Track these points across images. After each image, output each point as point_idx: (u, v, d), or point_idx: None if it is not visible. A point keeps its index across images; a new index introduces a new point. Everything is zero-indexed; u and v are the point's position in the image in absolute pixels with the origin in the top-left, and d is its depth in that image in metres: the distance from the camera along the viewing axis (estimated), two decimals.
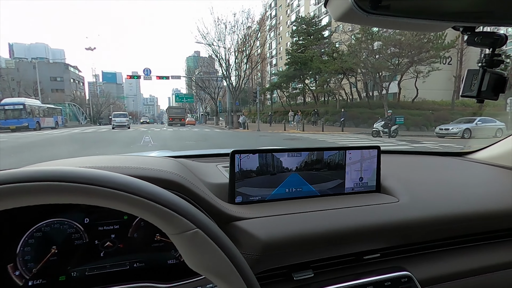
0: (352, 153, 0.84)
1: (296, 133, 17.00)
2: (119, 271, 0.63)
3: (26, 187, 0.27)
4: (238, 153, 0.73)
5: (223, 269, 0.32)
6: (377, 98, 23.50)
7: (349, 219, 0.70)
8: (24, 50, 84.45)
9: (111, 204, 0.30)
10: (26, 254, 0.58)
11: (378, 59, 19.92)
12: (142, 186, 0.31)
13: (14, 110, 18.83)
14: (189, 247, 0.32)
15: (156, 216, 0.31)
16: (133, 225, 0.66)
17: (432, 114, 18.54)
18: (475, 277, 0.81)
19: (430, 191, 0.85)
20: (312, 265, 0.67)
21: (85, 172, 0.29)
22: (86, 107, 42.57)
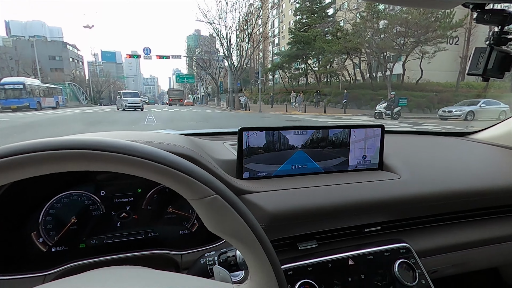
0: (357, 131, 0.86)
1: (298, 114, 16.93)
2: (135, 240, 0.67)
3: (68, 154, 0.29)
4: (246, 130, 0.76)
5: (240, 231, 0.34)
6: (381, 79, 23.12)
7: (351, 194, 0.73)
8: (21, 28, 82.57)
9: (138, 172, 0.32)
10: (48, 223, 0.62)
11: (383, 38, 19.40)
12: (167, 156, 0.33)
13: (14, 90, 18.67)
14: (208, 212, 0.34)
15: (179, 183, 0.33)
16: (147, 197, 0.69)
17: (436, 96, 18.31)
18: (470, 249, 0.85)
19: (431, 169, 0.87)
20: (316, 236, 0.71)
21: (117, 142, 0.31)
22: (86, 87, 42.19)
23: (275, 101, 27.65)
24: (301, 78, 34.01)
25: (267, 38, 43.17)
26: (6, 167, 0.28)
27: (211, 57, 33.31)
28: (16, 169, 0.28)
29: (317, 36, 24.90)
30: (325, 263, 0.67)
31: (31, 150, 0.29)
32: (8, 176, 0.29)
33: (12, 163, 0.28)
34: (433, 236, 0.82)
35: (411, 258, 0.72)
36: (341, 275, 0.66)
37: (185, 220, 0.72)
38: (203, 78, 41.70)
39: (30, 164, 0.29)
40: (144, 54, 25.30)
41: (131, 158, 0.31)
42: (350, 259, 0.69)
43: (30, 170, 0.29)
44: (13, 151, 0.28)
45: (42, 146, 0.29)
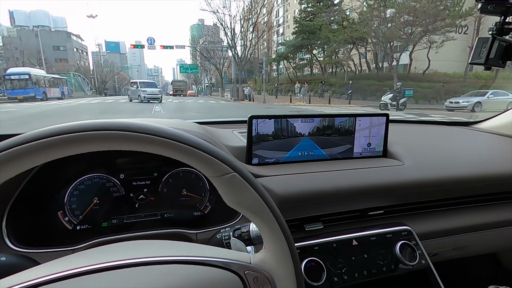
0: (362, 120, 0.89)
1: (302, 105, 16.85)
2: (152, 220, 0.72)
3: (109, 134, 0.33)
4: (255, 118, 0.79)
5: (255, 205, 0.38)
6: (387, 70, 22.80)
7: (356, 179, 0.77)
8: (25, 18, 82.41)
9: (166, 151, 0.35)
10: (72, 203, 0.67)
11: (390, 28, 19.02)
12: (192, 137, 0.37)
13: (20, 80, 18.75)
14: (227, 188, 0.37)
15: (202, 162, 0.36)
16: (163, 181, 0.73)
17: (443, 87, 18.03)
18: (470, 233, 0.89)
19: (434, 156, 0.90)
20: (322, 218, 0.75)
21: (150, 125, 0.35)
22: (91, 78, 42.26)
23: (280, 92, 27.50)
24: (306, 68, 33.67)
25: (272, 28, 42.60)
26: (59, 144, 0.31)
27: (215, 47, 33.06)
28: (67, 147, 0.32)
29: (322, 26, 24.49)
30: (330, 243, 0.71)
31: (80, 130, 0.32)
32: (58, 153, 0.32)
33: (63, 141, 0.31)
34: (434, 220, 0.86)
35: (412, 240, 0.76)
36: (345, 255, 0.70)
37: (198, 203, 0.76)
38: (207, 69, 41.52)
39: (78, 143, 0.32)
40: (148, 44, 25.16)
41: (161, 139, 0.34)
42: (354, 240, 0.73)
43: (78, 148, 0.32)
44: (63, 130, 0.32)
45: (88, 126, 0.32)
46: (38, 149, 0.31)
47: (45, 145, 0.31)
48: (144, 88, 18.36)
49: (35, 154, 0.31)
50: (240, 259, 0.39)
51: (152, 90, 18.29)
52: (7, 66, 27.20)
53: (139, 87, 18.53)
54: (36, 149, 0.31)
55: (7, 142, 0.31)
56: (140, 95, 17.78)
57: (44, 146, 0.31)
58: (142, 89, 18.20)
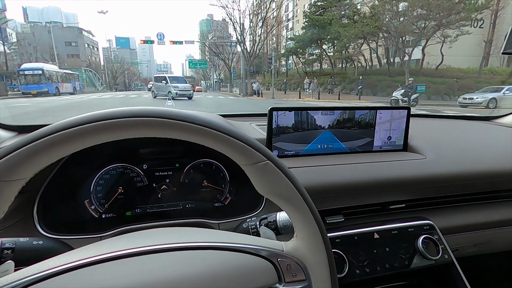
0: (383, 113, 0.88)
1: (311, 101, 16.72)
2: (175, 210, 0.73)
3: (145, 121, 0.34)
4: (276, 110, 0.79)
5: (288, 193, 0.38)
6: (398, 65, 22.34)
7: (376, 172, 0.76)
8: (37, 14, 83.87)
9: (201, 139, 0.36)
10: (98, 192, 0.68)
11: (402, 22, 18.60)
12: (225, 126, 0.37)
13: (33, 76, 19.12)
14: (260, 175, 0.37)
15: (235, 150, 0.36)
16: (184, 172, 0.74)
17: (457, 82, 17.58)
18: (492, 229, 0.87)
19: (456, 150, 0.88)
20: (343, 211, 0.75)
21: (185, 112, 0.36)
22: (102, 73, 42.79)
23: (289, 87, 27.32)
24: (315, 63, 33.28)
25: (281, 23, 42.21)
26: (99, 129, 0.32)
27: (224, 42, 32.99)
28: (112, 132, 0.33)
29: (333, 20, 24.12)
30: (352, 235, 0.71)
31: (125, 115, 0.33)
32: (97, 139, 0.33)
33: (108, 126, 0.33)
34: (455, 215, 0.85)
35: (435, 234, 0.75)
36: (366, 247, 0.70)
37: (219, 194, 0.77)
38: (216, 64, 41.54)
39: (123, 128, 0.33)
40: (157, 40, 25.28)
41: (198, 127, 0.35)
42: (375, 233, 0.73)
43: (121, 133, 0.33)
44: (101, 116, 0.33)
45: (132, 113, 0.33)
46: (86, 132, 0.32)
47: (94, 128, 0.32)
48: (176, 84, 16.45)
49: (82, 138, 0.32)
50: (273, 247, 0.39)
51: (184, 86, 16.49)
52: (21, 62, 27.77)
53: (168, 82, 16.63)
54: (84, 132, 0.32)
55: (57, 125, 0.32)
56: (171, 91, 15.92)
57: (94, 129, 0.32)
58: (173, 85, 16.28)
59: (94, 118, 0.32)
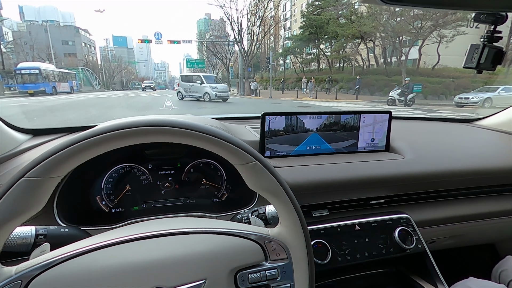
0: (366, 116, 0.96)
1: (309, 100, 16.81)
2: (177, 205, 0.81)
3: (156, 130, 0.41)
4: (268, 115, 0.87)
5: (274, 189, 0.46)
6: (395, 65, 22.51)
7: (359, 171, 0.84)
8: (34, 13, 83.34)
9: (200, 143, 0.43)
10: (108, 189, 0.76)
11: (399, 22, 18.76)
12: (220, 132, 0.45)
13: (30, 75, 19.01)
14: (250, 173, 0.46)
15: (230, 152, 0.44)
16: (185, 170, 0.82)
17: (453, 82, 17.76)
18: (467, 222, 0.96)
19: (434, 151, 0.97)
20: (328, 206, 0.83)
21: (186, 121, 0.44)
22: (99, 72, 42.63)
23: (286, 87, 27.42)
24: (312, 63, 33.44)
25: (279, 22, 42.30)
26: (122, 136, 0.40)
27: (222, 41, 33.00)
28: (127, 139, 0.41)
29: (330, 20, 24.25)
30: (335, 227, 0.79)
31: (137, 125, 0.40)
32: (120, 143, 0.41)
33: (122, 135, 0.40)
34: (432, 209, 0.93)
35: (410, 226, 0.84)
36: (348, 238, 0.78)
37: (216, 191, 0.85)
38: (213, 63, 41.57)
39: (133, 136, 0.41)
40: (155, 39, 25.22)
41: (198, 133, 0.43)
42: (357, 225, 0.81)
43: (134, 140, 0.41)
44: (122, 125, 0.40)
45: (142, 123, 0.41)
46: (112, 138, 0.40)
47: (118, 135, 0.40)
48: (213, 84, 14.57)
49: (108, 143, 0.40)
50: (261, 232, 0.47)
51: (223, 87, 14.79)
52: (17, 61, 27.62)
53: (204, 82, 14.70)
54: (110, 138, 0.40)
55: (88, 132, 0.40)
56: (208, 92, 14.15)
57: (118, 136, 0.40)
58: (210, 85, 14.41)
59: (117, 127, 0.40)
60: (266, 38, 33.57)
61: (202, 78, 14.99)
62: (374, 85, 19.48)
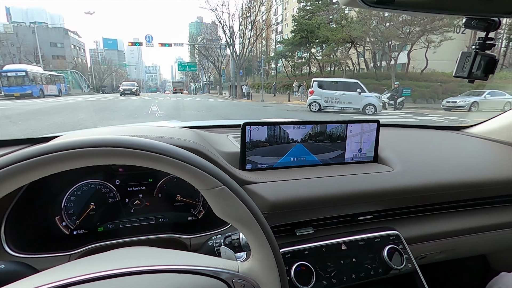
0: (353, 126, 0.91)
1: (300, 104, 16.87)
2: (147, 225, 0.73)
3: (101, 151, 0.35)
4: (249, 125, 0.81)
5: (243, 217, 0.40)
6: (385, 69, 22.87)
7: (346, 185, 0.79)
8: (21, 14, 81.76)
9: (158, 166, 0.37)
10: (69, 208, 0.69)
11: (388, 27, 19.09)
12: (182, 152, 0.39)
13: (16, 77, 18.59)
14: (217, 200, 0.40)
15: (192, 176, 0.39)
16: (157, 186, 0.75)
17: (441, 86, 18.13)
18: (458, 237, 0.92)
19: (423, 162, 0.92)
20: (313, 223, 0.78)
21: (142, 141, 0.37)
22: (88, 75, 42.02)
23: (278, 90, 27.49)
24: (304, 67, 33.67)
25: (270, 26, 42.55)
26: (55, 160, 0.34)
27: (214, 45, 32.97)
28: (62, 163, 0.34)
29: (321, 24, 24.52)
30: (320, 247, 0.73)
31: (77, 146, 0.34)
32: (52, 169, 0.34)
33: (60, 158, 0.34)
34: (422, 224, 0.89)
35: (400, 244, 0.79)
36: (334, 259, 0.73)
37: (192, 207, 0.78)
38: (205, 67, 41.50)
39: (74, 159, 0.35)
40: (146, 42, 25.03)
41: (153, 154, 0.37)
42: (343, 244, 0.75)
43: (73, 163, 0.35)
44: (57, 147, 0.34)
45: (83, 143, 0.35)
46: (38, 164, 0.33)
47: (50, 159, 0.34)
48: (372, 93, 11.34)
49: (37, 169, 0.34)
50: (229, 268, 0.41)
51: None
52: (3, 63, 27.01)
53: (365, 90, 11.56)
54: (37, 164, 0.33)
55: (12, 156, 0.33)
56: (374, 104, 11.28)
57: (50, 159, 0.34)
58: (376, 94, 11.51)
59: (53, 149, 0.34)
60: (258, 41, 33.74)
61: (361, 85, 11.59)
62: None
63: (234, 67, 24.24)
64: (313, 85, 12.44)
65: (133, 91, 23.89)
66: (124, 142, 0.36)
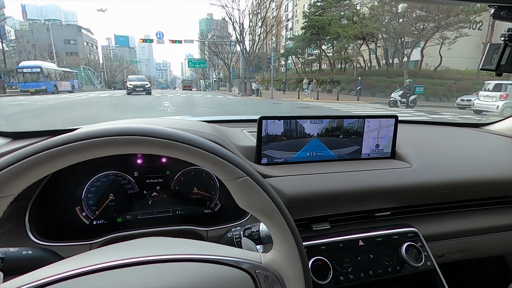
0: (371, 121, 0.89)
1: (310, 101, 16.74)
2: (165, 217, 0.74)
3: (130, 139, 0.35)
4: (265, 119, 0.81)
5: (266, 208, 0.40)
6: (397, 66, 22.42)
7: (363, 181, 0.78)
8: (36, 12, 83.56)
9: (182, 155, 0.37)
10: (89, 199, 0.70)
11: (401, 23, 18.67)
12: (205, 142, 0.38)
13: (32, 73, 19.04)
14: (240, 190, 0.39)
15: (217, 166, 0.38)
16: (175, 179, 0.76)
17: (455, 84, 17.66)
18: (477, 236, 0.89)
19: (443, 158, 0.90)
20: (329, 218, 0.77)
21: (164, 130, 0.37)
22: (100, 71, 42.69)
23: (287, 87, 27.34)
24: (314, 64, 33.36)
25: (281, 23, 42.25)
26: (84, 148, 0.34)
27: (223, 41, 32.97)
28: (91, 151, 0.34)
29: (332, 21, 24.19)
30: (337, 243, 0.72)
31: (104, 134, 0.34)
32: (82, 156, 0.34)
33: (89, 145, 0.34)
34: (441, 222, 0.87)
35: (418, 241, 0.77)
36: (351, 254, 0.72)
37: (209, 201, 0.79)
38: (215, 63, 41.56)
39: (104, 146, 0.34)
40: (157, 39, 25.20)
41: (178, 144, 0.36)
42: (360, 240, 0.74)
43: (101, 152, 0.35)
44: (86, 135, 0.34)
45: (110, 132, 0.35)
46: (73, 150, 0.33)
47: (80, 147, 0.33)
48: None
49: (68, 156, 0.34)
50: (252, 259, 0.41)
51: None
52: (19, 59, 27.69)
53: None
54: (71, 151, 0.33)
55: (45, 143, 0.33)
56: None
57: (80, 147, 0.34)
58: None
59: (80, 137, 0.34)
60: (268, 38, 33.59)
61: None
62: (375, 86, 19.39)
63: (244, 64, 24.18)
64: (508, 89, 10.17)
65: (146, 88, 18.01)
66: (151, 131, 0.36)
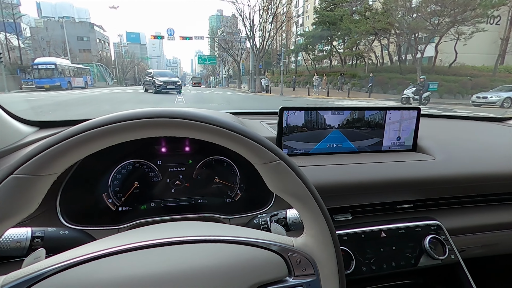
0: (392, 113, 0.88)
1: (320, 98, 16.59)
2: (188, 205, 0.75)
3: (164, 121, 0.35)
4: (286, 110, 0.80)
5: (300, 193, 0.40)
6: (410, 62, 21.94)
7: (385, 172, 0.77)
8: (51, 9, 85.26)
9: (215, 138, 0.37)
10: (115, 186, 0.71)
11: (415, 18, 18.22)
12: (239, 126, 0.39)
13: (46, 70, 19.47)
14: (272, 174, 0.39)
15: (249, 149, 0.38)
16: (197, 168, 0.77)
17: (470, 81, 17.16)
18: (501, 231, 0.87)
19: (466, 151, 0.88)
20: (351, 210, 0.77)
21: (202, 113, 0.37)
22: (112, 68, 43.29)
23: (297, 84, 27.14)
24: (325, 60, 32.98)
25: (291, 18, 41.88)
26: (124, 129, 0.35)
27: (233, 38, 32.92)
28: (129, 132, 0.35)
29: (343, 16, 23.79)
30: (359, 233, 0.72)
31: (139, 116, 0.35)
32: (122, 137, 0.35)
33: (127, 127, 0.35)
34: (464, 216, 0.85)
35: (442, 234, 0.76)
36: (373, 246, 0.71)
37: (230, 190, 0.80)
38: (225, 60, 41.61)
39: (140, 128, 0.35)
40: (167, 35, 25.36)
41: (214, 127, 0.37)
42: (383, 232, 0.74)
43: (137, 134, 0.35)
44: (125, 117, 0.35)
45: (145, 114, 0.35)
46: (113, 131, 0.34)
47: (120, 128, 0.34)
48: None
49: (109, 137, 0.35)
50: (284, 242, 0.41)
51: None
52: (34, 56, 28.33)
53: None
54: (111, 131, 0.34)
55: (87, 124, 0.34)
56: None
57: (119, 128, 0.34)
58: None
59: (123, 117, 0.35)
60: (278, 34, 33.34)
61: None
62: (387, 83, 19.04)
63: (254, 60, 24.11)
64: None
65: (177, 86, 15.34)
66: (186, 113, 0.36)
